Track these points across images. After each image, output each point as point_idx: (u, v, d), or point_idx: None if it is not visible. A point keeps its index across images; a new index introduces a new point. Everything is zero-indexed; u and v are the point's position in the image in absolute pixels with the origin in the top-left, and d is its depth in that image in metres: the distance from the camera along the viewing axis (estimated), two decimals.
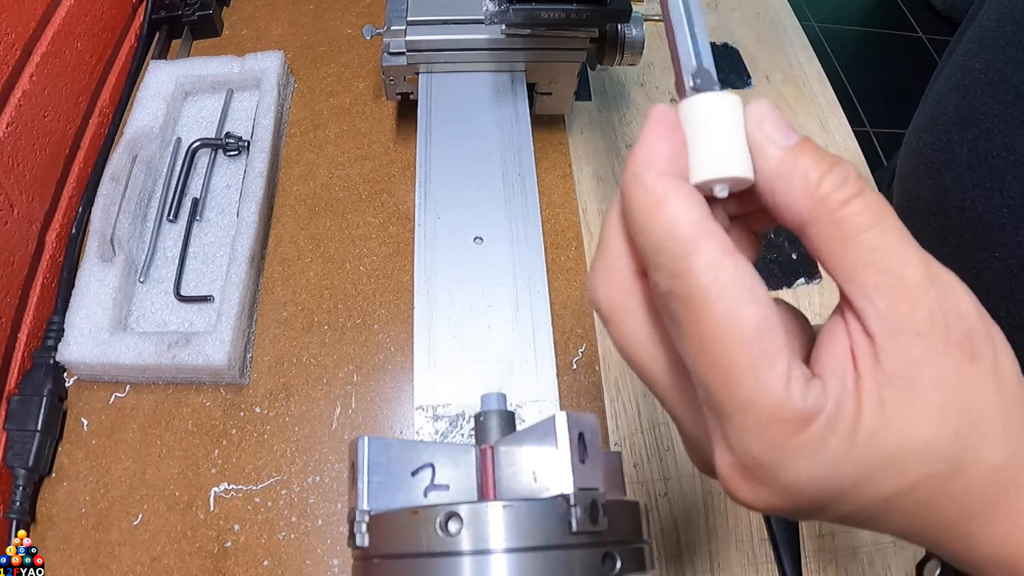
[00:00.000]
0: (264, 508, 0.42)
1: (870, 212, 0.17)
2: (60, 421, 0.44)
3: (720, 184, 0.18)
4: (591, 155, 0.58)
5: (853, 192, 0.17)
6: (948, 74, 0.41)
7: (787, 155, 0.18)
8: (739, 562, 0.41)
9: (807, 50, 0.68)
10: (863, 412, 0.17)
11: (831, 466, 0.17)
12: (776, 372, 0.16)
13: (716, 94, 0.19)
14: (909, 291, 0.17)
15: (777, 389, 0.16)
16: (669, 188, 0.18)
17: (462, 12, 0.49)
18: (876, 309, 0.17)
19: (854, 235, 0.17)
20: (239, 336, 0.45)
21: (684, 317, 0.17)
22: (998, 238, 0.35)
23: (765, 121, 0.18)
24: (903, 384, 0.17)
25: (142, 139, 0.53)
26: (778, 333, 0.17)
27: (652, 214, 0.18)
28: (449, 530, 0.22)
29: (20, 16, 0.47)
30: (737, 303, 0.17)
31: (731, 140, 0.18)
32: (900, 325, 0.17)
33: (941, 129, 0.40)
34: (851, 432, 0.17)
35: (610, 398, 0.46)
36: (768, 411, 0.16)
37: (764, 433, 0.17)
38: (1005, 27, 0.35)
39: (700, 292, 0.17)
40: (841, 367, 0.17)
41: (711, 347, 0.17)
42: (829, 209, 0.17)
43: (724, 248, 0.17)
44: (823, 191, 0.17)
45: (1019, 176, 0.33)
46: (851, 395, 0.17)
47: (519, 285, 0.40)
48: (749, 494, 0.18)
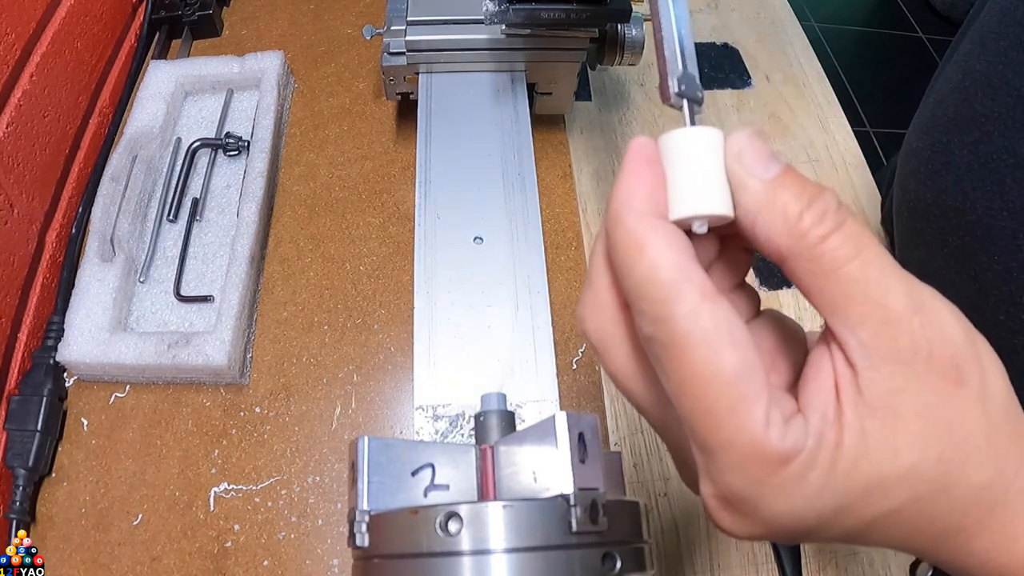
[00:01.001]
0: (264, 508, 0.42)
1: (850, 244, 0.17)
2: (60, 421, 0.44)
3: (699, 221, 0.18)
4: (591, 155, 0.58)
5: (833, 226, 0.17)
6: (948, 75, 0.41)
7: (767, 189, 0.18)
8: (739, 562, 0.41)
9: (807, 50, 0.68)
10: (844, 444, 0.17)
11: (811, 499, 0.17)
12: (755, 415, 0.17)
13: (695, 129, 0.19)
14: (892, 321, 0.17)
15: (756, 431, 0.17)
16: (649, 230, 0.18)
17: (462, 12, 0.49)
18: (858, 340, 0.17)
19: (834, 269, 0.17)
20: (239, 336, 0.45)
21: (666, 361, 0.18)
22: (998, 241, 0.35)
23: (744, 154, 0.18)
24: (885, 414, 0.17)
25: (142, 139, 0.53)
26: (757, 375, 0.17)
27: (634, 257, 0.18)
28: (449, 530, 0.22)
29: (20, 16, 0.47)
30: (716, 349, 0.17)
31: (710, 175, 0.18)
32: (882, 355, 0.17)
33: (941, 131, 0.40)
34: (831, 466, 0.17)
35: (610, 398, 0.46)
36: (747, 451, 0.17)
37: (744, 471, 0.17)
38: (1007, 29, 0.35)
39: (680, 339, 0.17)
40: (824, 400, 0.18)
41: (691, 390, 0.17)
42: (808, 245, 0.17)
43: (704, 293, 0.17)
44: (803, 227, 0.17)
45: (1019, 179, 0.33)
46: (832, 428, 0.17)
47: (519, 285, 0.40)
48: (731, 524, 0.19)
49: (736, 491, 0.18)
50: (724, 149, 0.19)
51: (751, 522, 0.18)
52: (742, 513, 0.18)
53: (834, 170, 0.59)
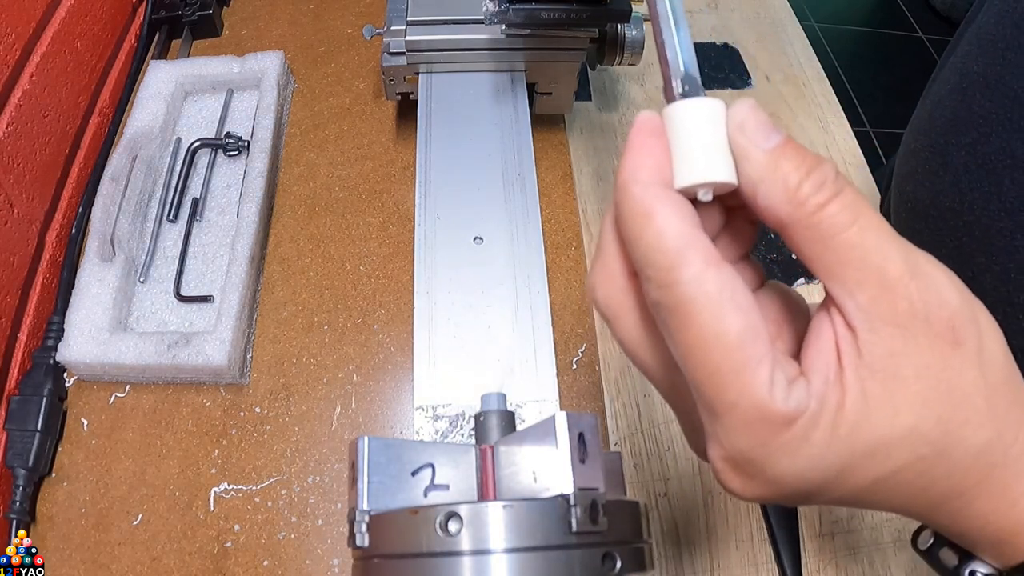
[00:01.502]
0: (264, 508, 0.42)
1: (847, 212, 0.17)
2: (60, 421, 0.44)
3: (703, 188, 0.19)
4: (591, 155, 0.58)
5: (831, 194, 0.18)
6: (946, 76, 0.41)
7: (768, 158, 0.18)
8: (739, 562, 0.41)
9: (807, 50, 0.68)
10: (845, 406, 0.17)
11: (815, 459, 0.18)
12: (759, 377, 0.17)
13: (698, 100, 0.19)
14: (889, 285, 0.17)
15: (760, 392, 0.17)
16: (655, 199, 0.18)
17: (462, 12, 0.49)
18: (857, 304, 0.17)
19: (832, 235, 0.17)
20: (239, 336, 0.45)
21: (672, 325, 0.18)
22: (995, 242, 0.35)
23: (746, 124, 0.19)
24: (885, 375, 0.17)
25: (142, 139, 0.53)
26: (761, 339, 0.18)
27: (641, 226, 0.18)
28: (449, 530, 0.22)
29: (20, 16, 0.47)
30: (720, 313, 0.17)
31: (713, 145, 0.19)
32: (880, 319, 0.17)
33: (939, 132, 0.40)
34: (833, 427, 0.17)
35: (610, 398, 0.46)
36: (752, 412, 0.17)
37: (750, 432, 0.18)
38: (1005, 30, 0.35)
39: (686, 303, 0.18)
40: (825, 363, 0.18)
41: (698, 354, 0.18)
42: (807, 212, 0.18)
43: (708, 259, 0.18)
44: (802, 195, 0.18)
45: (1016, 180, 0.33)
46: (834, 390, 0.18)
47: (519, 285, 0.40)
48: (739, 485, 0.19)
49: (742, 452, 0.18)
50: (726, 119, 0.19)
51: (758, 483, 0.19)
52: (749, 474, 0.19)
53: None
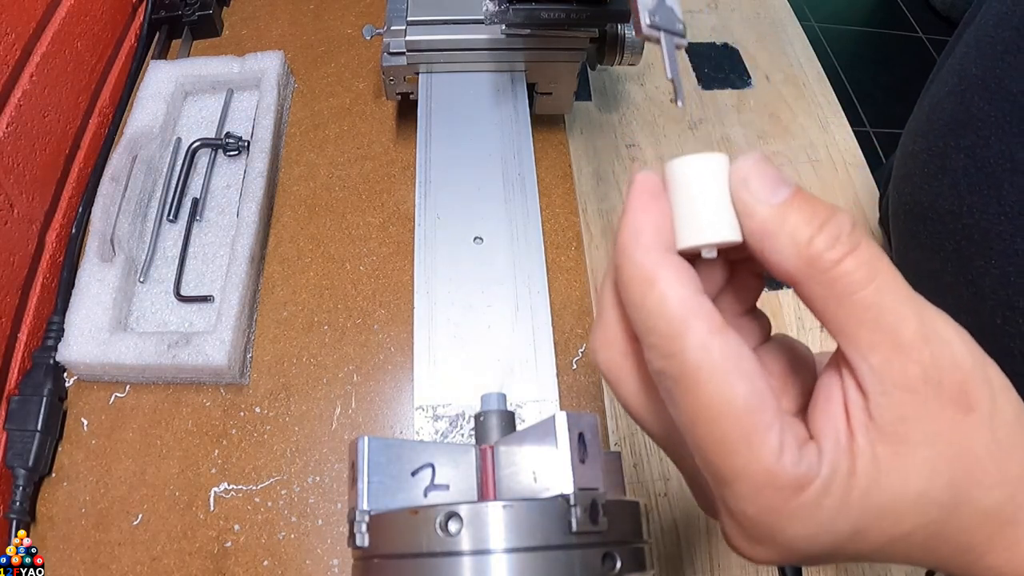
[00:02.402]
0: (264, 508, 0.42)
1: (864, 269, 0.17)
2: (60, 421, 0.44)
3: (707, 248, 0.18)
4: (591, 155, 0.58)
5: (846, 250, 0.17)
6: (944, 78, 0.41)
7: (775, 214, 0.18)
8: (739, 562, 0.41)
9: (807, 50, 0.68)
10: (857, 471, 0.17)
11: (826, 524, 0.17)
12: (768, 444, 0.17)
13: (699, 156, 0.19)
14: (903, 348, 0.17)
15: (769, 459, 0.17)
16: (657, 265, 0.18)
17: (462, 12, 0.49)
18: (870, 366, 0.17)
19: (848, 294, 0.17)
20: (239, 336, 0.45)
21: (677, 394, 0.18)
22: (995, 245, 0.35)
23: (750, 179, 0.18)
24: (895, 440, 0.17)
25: (142, 139, 0.53)
26: (768, 405, 0.17)
27: (643, 293, 0.18)
28: (449, 530, 0.22)
29: (20, 16, 0.47)
30: (727, 381, 0.17)
31: (716, 202, 0.18)
32: (893, 382, 0.17)
33: (937, 134, 0.40)
34: (845, 492, 0.17)
35: (610, 398, 0.46)
36: (762, 478, 0.17)
37: (760, 499, 0.17)
38: (1004, 33, 0.35)
39: (691, 372, 0.17)
40: (835, 428, 0.18)
41: (703, 422, 0.17)
42: (821, 269, 0.17)
43: (712, 327, 0.17)
44: (814, 251, 0.17)
45: (1016, 183, 0.33)
46: (845, 456, 0.17)
47: (519, 285, 0.40)
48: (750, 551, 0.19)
49: (752, 518, 0.18)
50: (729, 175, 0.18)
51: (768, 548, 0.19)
52: (759, 540, 0.18)
53: (834, 170, 0.59)
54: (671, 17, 0.19)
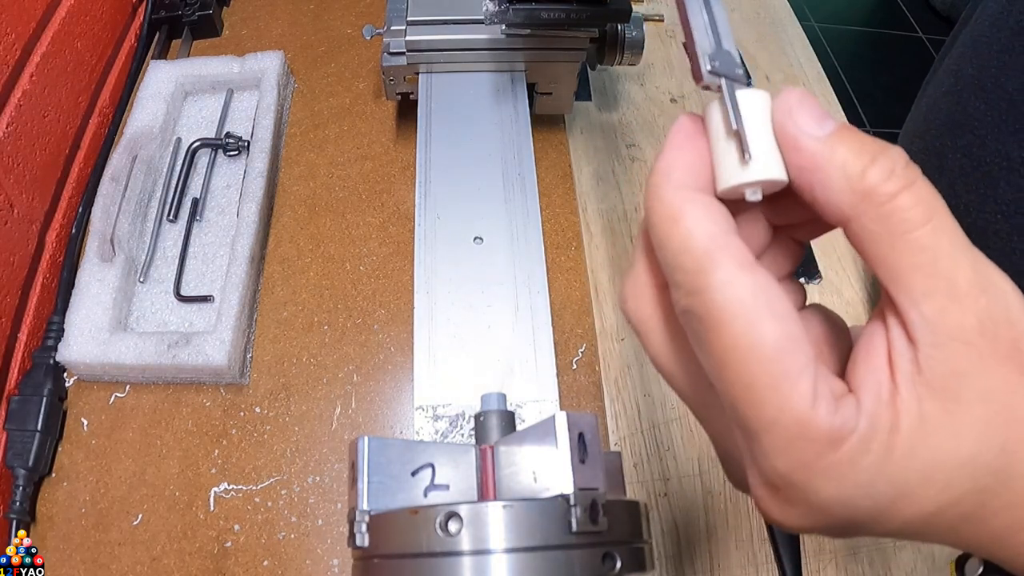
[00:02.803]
0: (264, 508, 0.42)
1: (921, 207, 0.16)
2: (60, 421, 0.44)
3: (750, 188, 0.17)
4: (591, 155, 0.58)
5: (902, 184, 0.16)
6: (941, 79, 0.41)
7: (822, 147, 0.16)
8: (739, 562, 0.41)
9: (807, 50, 0.68)
10: (900, 429, 0.16)
11: (865, 486, 0.16)
12: (800, 390, 0.16)
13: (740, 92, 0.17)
14: (959, 296, 0.16)
15: (801, 407, 0.16)
16: (685, 201, 0.17)
17: (462, 12, 0.49)
18: (922, 315, 0.16)
19: (902, 233, 0.16)
20: (239, 336, 0.45)
21: (703, 335, 0.17)
22: (992, 244, 0.35)
23: (795, 110, 0.17)
24: (946, 396, 0.16)
25: (142, 139, 0.53)
26: (802, 349, 0.16)
27: (668, 229, 0.17)
28: (449, 530, 0.22)
29: (20, 16, 0.47)
30: (755, 320, 0.16)
31: (758, 139, 0.17)
32: (947, 333, 0.16)
33: (934, 134, 0.40)
34: (887, 451, 0.16)
35: (610, 398, 0.46)
36: (793, 430, 0.16)
37: (790, 452, 0.16)
38: (1000, 33, 0.35)
39: (717, 310, 0.16)
40: (877, 380, 0.17)
41: (731, 365, 0.16)
42: (875, 203, 0.16)
43: (741, 263, 0.16)
44: (868, 183, 0.16)
45: (1012, 182, 0.33)
46: (887, 410, 0.16)
47: (519, 285, 0.40)
48: (780, 514, 0.18)
49: (784, 475, 0.16)
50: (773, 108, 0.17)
51: (802, 511, 0.17)
52: (791, 501, 0.17)
53: None
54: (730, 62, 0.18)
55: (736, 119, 0.17)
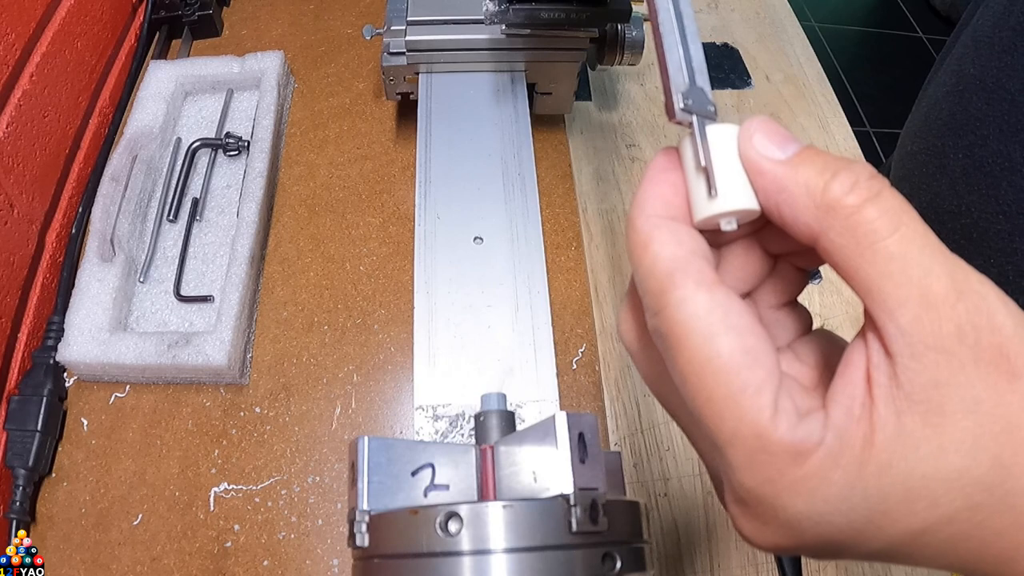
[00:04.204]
0: (264, 508, 0.42)
1: (887, 217, 0.16)
2: (60, 421, 0.44)
3: (724, 219, 0.18)
4: (591, 155, 0.58)
5: (866, 196, 0.16)
6: (942, 79, 0.41)
7: (784, 168, 0.17)
8: (739, 562, 0.41)
9: (807, 50, 0.68)
10: (875, 443, 0.15)
11: (837, 502, 0.16)
12: (759, 403, 0.16)
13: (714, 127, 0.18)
14: (934, 304, 0.15)
15: (760, 420, 0.16)
16: (654, 228, 0.18)
17: (462, 12, 0.49)
18: (898, 326, 0.15)
19: (870, 244, 0.16)
20: (239, 336, 0.45)
21: (668, 352, 0.17)
22: (993, 244, 0.35)
23: (756, 135, 0.17)
24: (927, 409, 0.15)
25: (142, 139, 0.53)
26: (762, 364, 0.16)
27: (640, 254, 0.18)
28: (449, 530, 0.22)
29: (20, 16, 0.47)
30: (711, 335, 0.16)
31: (727, 171, 0.18)
32: (924, 342, 0.15)
33: (935, 134, 0.40)
34: (859, 466, 0.15)
35: (610, 398, 0.46)
36: (753, 443, 0.16)
37: (754, 467, 0.16)
38: (1002, 33, 0.35)
39: (677, 326, 0.17)
40: (850, 395, 0.16)
41: (691, 379, 0.17)
42: (841, 216, 0.16)
43: (699, 281, 0.17)
44: (830, 196, 0.16)
45: (1014, 183, 0.33)
46: (859, 425, 0.16)
47: (519, 285, 0.40)
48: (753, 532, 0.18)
49: (750, 490, 0.16)
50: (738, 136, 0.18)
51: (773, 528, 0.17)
52: (762, 518, 0.17)
53: None
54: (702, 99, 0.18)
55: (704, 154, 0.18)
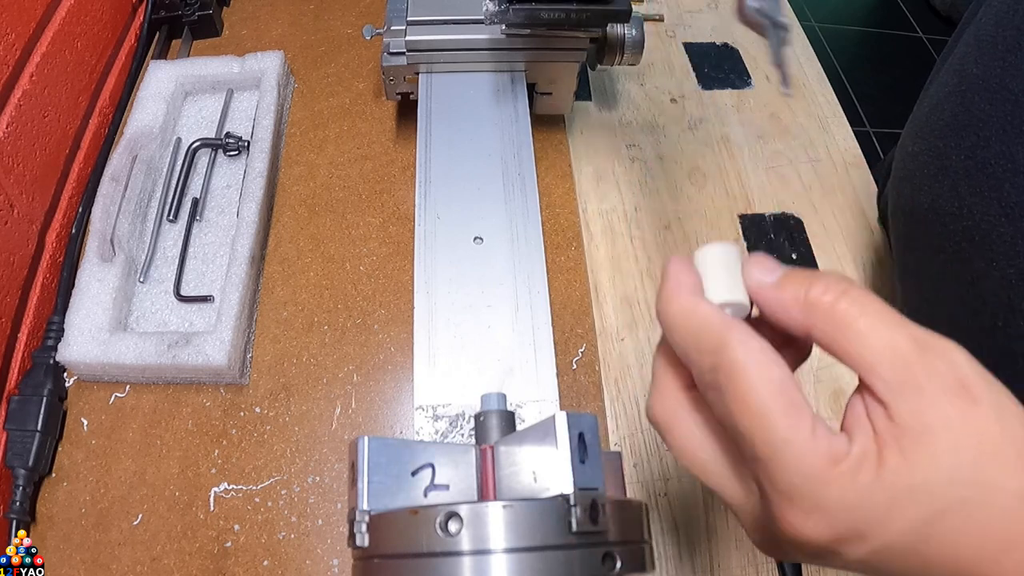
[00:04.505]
0: (264, 508, 0.42)
1: (856, 305, 0.21)
2: (60, 421, 0.44)
3: (727, 308, 0.23)
4: (591, 155, 0.58)
5: (837, 293, 0.21)
6: (944, 79, 0.41)
7: (774, 289, 0.22)
8: (739, 562, 0.41)
9: (807, 50, 0.68)
10: (885, 459, 0.20)
11: (863, 494, 0.19)
12: (805, 418, 0.20)
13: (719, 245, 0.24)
14: (903, 356, 0.20)
15: (806, 429, 0.20)
16: (699, 300, 0.23)
17: (462, 12, 0.49)
18: (882, 380, 0.20)
19: (846, 326, 0.20)
20: (239, 336, 0.45)
21: (725, 384, 0.21)
22: (995, 247, 0.34)
23: (750, 266, 0.23)
24: (916, 431, 0.19)
25: (142, 139, 0.53)
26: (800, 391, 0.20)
27: (688, 319, 0.22)
28: (449, 530, 0.22)
29: (20, 16, 0.47)
30: (767, 364, 0.21)
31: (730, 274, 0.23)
32: (902, 385, 0.20)
33: (937, 135, 0.39)
34: (877, 470, 0.19)
35: (610, 398, 0.46)
36: (804, 445, 0.20)
37: (803, 464, 0.20)
38: (1004, 32, 0.35)
39: (737, 361, 0.21)
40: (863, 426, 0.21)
41: (750, 401, 0.20)
42: (822, 310, 0.21)
43: (749, 331, 0.21)
44: (812, 298, 0.21)
45: (1017, 184, 0.33)
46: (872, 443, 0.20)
47: (519, 285, 0.40)
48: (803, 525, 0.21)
49: (799, 487, 0.20)
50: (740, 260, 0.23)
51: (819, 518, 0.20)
52: (810, 510, 0.20)
53: (834, 170, 0.59)
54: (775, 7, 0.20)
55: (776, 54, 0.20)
